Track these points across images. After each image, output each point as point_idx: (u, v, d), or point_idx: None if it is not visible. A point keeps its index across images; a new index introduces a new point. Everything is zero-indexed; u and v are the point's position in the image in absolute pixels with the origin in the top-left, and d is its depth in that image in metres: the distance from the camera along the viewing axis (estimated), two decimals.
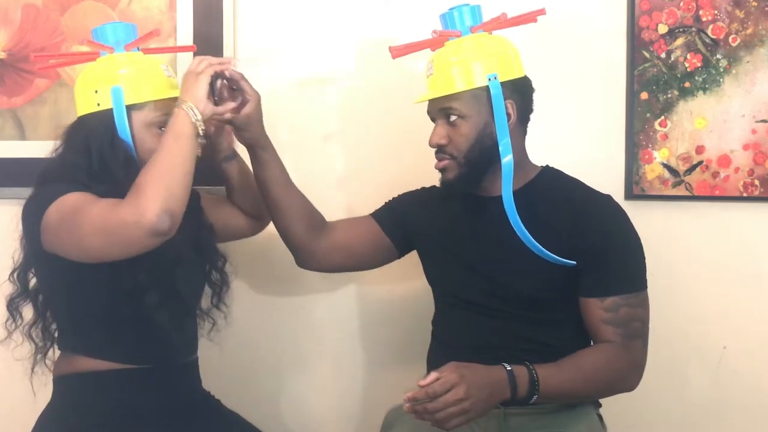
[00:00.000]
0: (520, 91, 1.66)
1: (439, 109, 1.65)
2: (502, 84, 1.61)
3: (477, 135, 1.63)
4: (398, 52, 1.69)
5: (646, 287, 1.65)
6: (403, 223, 1.82)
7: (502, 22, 1.67)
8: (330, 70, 2.12)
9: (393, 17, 2.09)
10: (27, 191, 1.65)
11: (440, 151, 1.66)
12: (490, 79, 1.61)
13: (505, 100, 1.62)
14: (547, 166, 1.75)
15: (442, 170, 1.68)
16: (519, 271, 1.64)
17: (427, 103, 1.69)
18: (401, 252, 1.85)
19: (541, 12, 1.68)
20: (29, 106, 2.13)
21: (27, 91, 2.13)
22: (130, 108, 1.61)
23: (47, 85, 2.12)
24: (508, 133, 1.61)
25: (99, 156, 1.59)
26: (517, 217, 1.60)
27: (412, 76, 1.92)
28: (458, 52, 1.65)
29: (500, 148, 1.61)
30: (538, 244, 1.60)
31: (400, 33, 1.91)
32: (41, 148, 1.71)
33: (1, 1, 2.11)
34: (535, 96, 1.71)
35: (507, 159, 1.61)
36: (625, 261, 1.64)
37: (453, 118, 1.63)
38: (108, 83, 1.61)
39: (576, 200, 1.67)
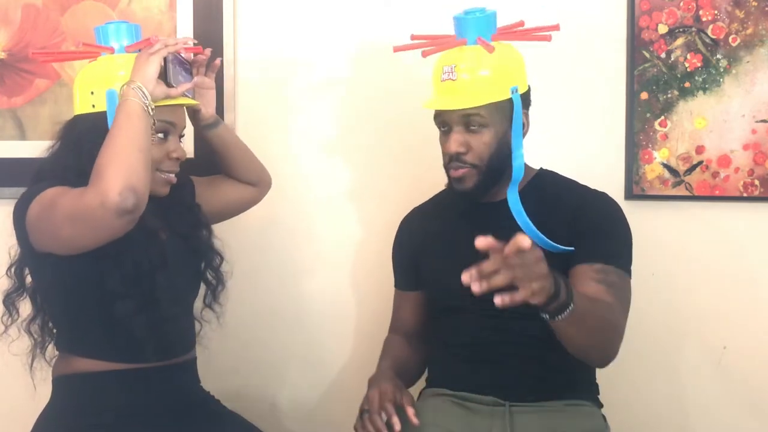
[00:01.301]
0: (528, 102, 1.70)
1: (461, 116, 1.64)
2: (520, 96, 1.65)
3: (497, 143, 1.64)
4: (428, 51, 1.66)
5: (630, 275, 1.64)
6: (417, 268, 1.82)
7: (520, 34, 1.68)
8: (331, 70, 2.12)
9: (394, 18, 2.09)
10: None
11: (457, 159, 1.65)
12: (513, 92, 1.63)
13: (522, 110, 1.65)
14: (542, 168, 1.77)
15: (459, 179, 1.66)
16: None
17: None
18: None
19: (555, 28, 1.68)
20: (29, 106, 2.13)
21: (27, 91, 2.13)
22: None
23: (47, 85, 2.12)
24: (522, 143, 1.65)
25: (89, 157, 1.57)
26: (524, 214, 1.62)
27: (414, 78, 1.92)
28: (487, 62, 1.63)
29: (516, 159, 1.64)
30: (545, 237, 1.60)
31: (401, 34, 1.91)
32: (41, 148, 1.71)
33: (1, 1, 2.11)
34: (535, 96, 1.73)
35: (519, 167, 1.65)
36: (618, 239, 1.65)
37: (474, 126, 1.63)
38: (104, 85, 1.60)
39: (573, 199, 1.69)
